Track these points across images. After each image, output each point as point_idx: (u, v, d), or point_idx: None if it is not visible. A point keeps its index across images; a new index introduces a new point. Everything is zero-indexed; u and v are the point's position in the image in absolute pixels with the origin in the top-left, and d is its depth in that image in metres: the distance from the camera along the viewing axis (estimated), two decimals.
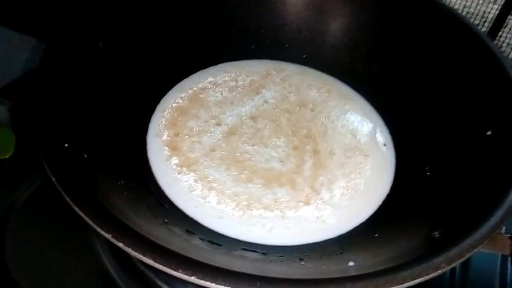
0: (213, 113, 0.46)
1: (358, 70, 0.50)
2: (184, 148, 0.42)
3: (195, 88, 0.48)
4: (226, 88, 0.49)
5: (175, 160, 0.41)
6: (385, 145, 0.45)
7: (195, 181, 0.40)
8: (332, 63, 0.51)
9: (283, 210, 0.38)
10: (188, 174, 0.40)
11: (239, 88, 0.49)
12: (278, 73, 0.51)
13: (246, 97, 0.48)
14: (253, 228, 0.37)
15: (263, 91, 0.49)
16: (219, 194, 0.39)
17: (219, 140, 0.43)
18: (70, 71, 0.37)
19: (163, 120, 0.45)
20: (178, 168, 0.40)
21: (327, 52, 0.52)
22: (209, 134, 0.44)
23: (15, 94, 0.52)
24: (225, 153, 0.42)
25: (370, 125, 0.47)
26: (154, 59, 0.46)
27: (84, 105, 0.37)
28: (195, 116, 0.45)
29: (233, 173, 0.40)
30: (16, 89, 0.54)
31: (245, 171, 0.41)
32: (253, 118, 0.46)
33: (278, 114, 0.47)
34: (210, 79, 0.50)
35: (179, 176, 0.40)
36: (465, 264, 0.42)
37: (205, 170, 0.41)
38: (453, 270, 0.42)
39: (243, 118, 0.46)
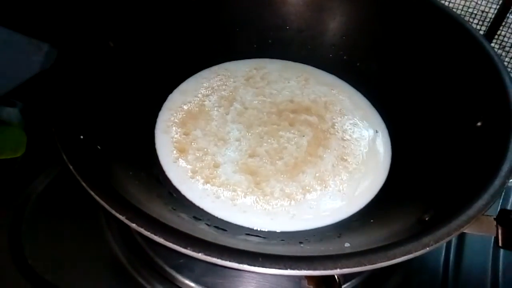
0: (218, 109, 0.48)
1: (356, 67, 0.53)
2: (192, 144, 0.45)
3: (199, 88, 0.51)
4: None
5: (176, 150, 0.44)
6: (376, 131, 0.47)
7: (201, 173, 0.42)
8: (332, 62, 0.54)
9: (284, 200, 0.40)
10: (190, 163, 0.43)
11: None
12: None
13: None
14: (255, 216, 0.39)
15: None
16: (225, 184, 0.41)
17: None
18: (84, 69, 0.39)
19: (170, 116, 0.47)
20: (181, 159, 0.43)
21: (327, 51, 0.54)
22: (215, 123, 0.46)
23: (26, 95, 0.54)
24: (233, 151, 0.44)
25: (361, 112, 0.50)
26: (161, 58, 0.48)
27: (97, 101, 0.39)
28: (202, 112, 0.48)
29: (239, 163, 0.43)
30: (27, 91, 0.55)
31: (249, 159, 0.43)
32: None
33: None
34: (205, 84, 0.52)
35: (184, 166, 0.42)
36: (459, 249, 0.44)
37: (210, 161, 0.43)
38: (447, 254, 0.44)
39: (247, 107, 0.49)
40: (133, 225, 0.28)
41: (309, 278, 0.39)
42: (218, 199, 0.40)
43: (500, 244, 0.32)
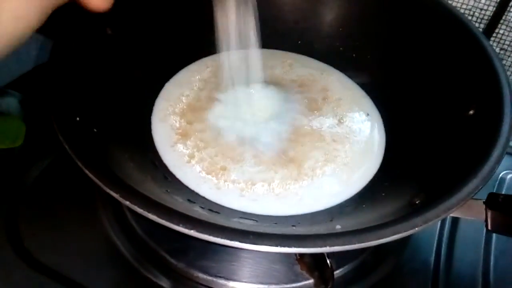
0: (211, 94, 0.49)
1: (352, 58, 0.53)
2: (188, 130, 0.45)
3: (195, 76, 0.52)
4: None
5: (176, 137, 0.44)
6: (368, 115, 0.48)
7: (195, 156, 0.43)
8: (327, 52, 0.54)
9: (276, 185, 0.41)
10: (189, 149, 0.43)
11: None
12: None
13: None
14: (247, 201, 0.39)
15: None
16: (219, 170, 0.41)
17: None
18: (81, 55, 0.40)
19: (168, 106, 0.47)
20: (180, 144, 0.44)
21: (322, 42, 0.54)
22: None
23: (25, 86, 0.54)
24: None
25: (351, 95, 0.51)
26: (158, 46, 0.49)
27: (93, 86, 0.40)
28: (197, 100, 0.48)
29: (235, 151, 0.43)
30: (26, 82, 0.56)
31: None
32: None
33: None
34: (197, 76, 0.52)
35: (180, 150, 0.43)
36: (451, 238, 0.45)
37: (203, 144, 0.44)
38: (439, 243, 0.44)
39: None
40: (127, 203, 0.28)
41: (302, 263, 0.40)
42: (212, 183, 0.40)
43: (489, 227, 0.32)
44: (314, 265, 0.39)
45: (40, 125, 0.48)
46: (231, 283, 0.40)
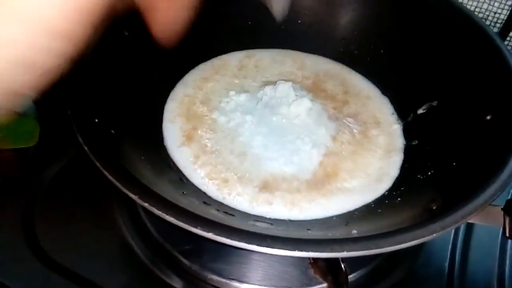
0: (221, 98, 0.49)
1: (367, 61, 0.53)
2: (199, 132, 0.45)
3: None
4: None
5: (183, 139, 0.44)
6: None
7: (200, 158, 0.42)
8: (342, 55, 0.54)
9: (291, 192, 0.40)
10: (194, 152, 0.43)
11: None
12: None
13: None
14: (261, 207, 0.39)
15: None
16: (232, 173, 0.41)
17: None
18: (99, 57, 0.40)
19: (175, 108, 0.47)
20: (186, 147, 0.43)
21: (337, 44, 0.54)
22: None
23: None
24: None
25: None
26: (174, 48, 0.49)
27: (111, 87, 0.40)
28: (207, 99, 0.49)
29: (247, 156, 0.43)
30: None
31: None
32: None
33: None
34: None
35: (190, 154, 0.43)
36: (466, 243, 0.44)
37: (214, 148, 0.43)
38: (453, 248, 0.44)
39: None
40: (145, 204, 0.28)
41: (315, 266, 0.40)
42: (226, 188, 0.40)
43: (507, 234, 0.32)
44: (328, 269, 0.38)
45: (55, 125, 0.48)
46: (243, 286, 0.40)
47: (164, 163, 0.41)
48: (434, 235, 0.28)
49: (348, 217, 0.38)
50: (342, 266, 0.36)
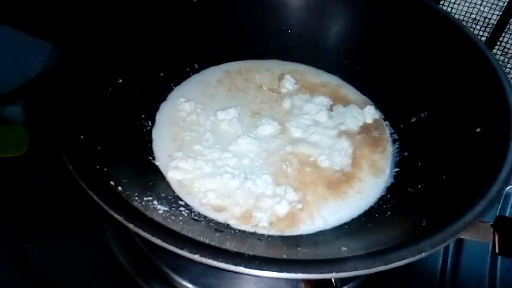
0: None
1: (357, 71, 0.53)
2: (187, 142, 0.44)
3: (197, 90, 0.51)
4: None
5: (178, 154, 0.43)
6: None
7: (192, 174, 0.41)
8: (332, 65, 0.54)
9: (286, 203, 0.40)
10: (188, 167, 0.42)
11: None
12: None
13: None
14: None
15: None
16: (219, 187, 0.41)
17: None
18: (86, 70, 0.40)
19: (166, 120, 0.46)
20: (177, 160, 0.42)
21: (327, 54, 0.54)
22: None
23: (30, 94, 0.54)
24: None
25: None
26: (162, 60, 0.49)
27: (98, 102, 0.40)
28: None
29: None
30: (30, 90, 0.55)
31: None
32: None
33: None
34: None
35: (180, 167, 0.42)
36: (457, 255, 0.44)
37: (200, 161, 0.42)
38: (445, 260, 0.44)
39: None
40: (131, 226, 0.28)
41: (306, 281, 0.40)
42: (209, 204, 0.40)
43: (497, 250, 0.32)
44: (319, 283, 0.38)
45: (45, 133, 0.47)
46: None
47: (152, 178, 0.40)
48: (424, 254, 0.27)
49: (338, 232, 0.38)
50: (333, 281, 0.35)
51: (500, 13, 0.80)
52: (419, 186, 0.39)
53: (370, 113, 0.49)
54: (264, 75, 0.54)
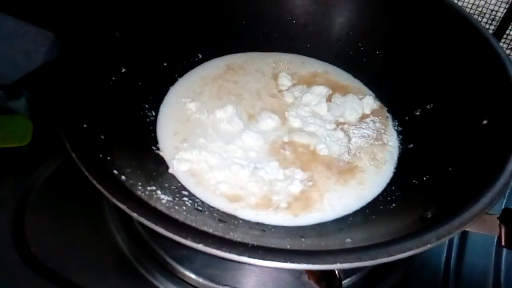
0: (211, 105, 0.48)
1: (363, 62, 0.52)
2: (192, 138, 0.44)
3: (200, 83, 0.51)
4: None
5: (183, 144, 0.43)
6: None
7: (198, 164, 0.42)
8: (337, 56, 0.53)
9: (289, 195, 0.40)
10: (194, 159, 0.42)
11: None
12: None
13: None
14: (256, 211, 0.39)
15: None
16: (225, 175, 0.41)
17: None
18: (89, 59, 0.39)
19: (170, 112, 0.46)
20: (182, 152, 0.42)
21: (332, 46, 0.53)
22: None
23: (33, 85, 0.54)
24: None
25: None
26: (165, 50, 0.48)
27: (101, 91, 0.40)
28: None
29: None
30: (33, 81, 0.55)
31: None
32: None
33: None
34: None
35: (186, 158, 0.42)
36: (461, 248, 0.44)
37: (207, 153, 0.42)
38: (449, 253, 0.44)
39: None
40: (134, 215, 0.28)
41: (309, 273, 0.39)
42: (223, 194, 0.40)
43: (503, 243, 0.32)
44: (322, 275, 0.38)
45: (48, 123, 0.47)
46: None
47: (156, 168, 0.40)
48: (429, 245, 0.27)
49: (342, 223, 0.37)
50: (336, 272, 0.35)
51: (507, 6, 0.79)
52: (425, 178, 0.38)
53: (369, 104, 0.49)
54: (265, 69, 0.53)
